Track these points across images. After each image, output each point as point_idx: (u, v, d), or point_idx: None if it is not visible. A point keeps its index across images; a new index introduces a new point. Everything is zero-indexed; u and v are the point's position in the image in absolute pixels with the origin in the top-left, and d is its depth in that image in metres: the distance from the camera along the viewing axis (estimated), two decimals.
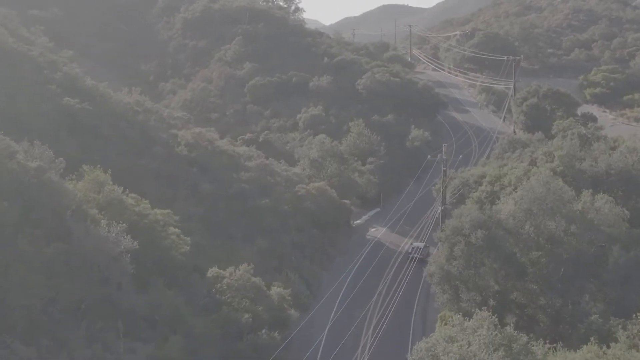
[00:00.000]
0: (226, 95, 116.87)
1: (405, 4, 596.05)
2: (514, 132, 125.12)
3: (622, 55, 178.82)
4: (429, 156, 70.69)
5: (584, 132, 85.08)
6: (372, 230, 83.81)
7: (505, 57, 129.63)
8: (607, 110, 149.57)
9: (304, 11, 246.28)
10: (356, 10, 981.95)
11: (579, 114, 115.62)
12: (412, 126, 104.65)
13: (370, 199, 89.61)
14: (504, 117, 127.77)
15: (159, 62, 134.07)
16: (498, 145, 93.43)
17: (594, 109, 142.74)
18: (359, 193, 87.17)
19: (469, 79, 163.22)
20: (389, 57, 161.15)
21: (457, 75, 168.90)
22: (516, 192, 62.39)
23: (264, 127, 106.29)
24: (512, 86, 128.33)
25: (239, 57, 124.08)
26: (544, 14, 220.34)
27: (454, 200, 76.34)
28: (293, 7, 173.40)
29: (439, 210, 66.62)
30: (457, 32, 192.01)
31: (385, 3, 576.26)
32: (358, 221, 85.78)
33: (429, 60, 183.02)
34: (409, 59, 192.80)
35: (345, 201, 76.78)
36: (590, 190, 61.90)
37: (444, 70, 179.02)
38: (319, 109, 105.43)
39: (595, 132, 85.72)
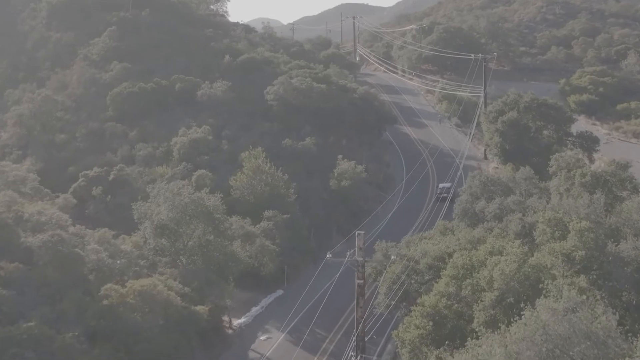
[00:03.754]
0: (83, 108, 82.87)
1: (365, 3, 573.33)
2: (485, 156, 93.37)
3: (608, 54, 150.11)
4: (328, 254, 37.33)
5: (603, 173, 53.22)
6: (262, 338, 50.70)
7: (473, 56, 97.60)
8: (598, 123, 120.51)
9: (229, 0, 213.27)
10: (314, 10, 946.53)
11: (574, 134, 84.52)
12: (340, 156, 71.63)
13: (267, 277, 56.64)
14: (472, 134, 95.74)
15: (12, 61, 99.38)
16: (465, 188, 60.69)
17: (581, 122, 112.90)
18: (245, 271, 54.18)
19: (427, 83, 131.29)
20: (327, 55, 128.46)
21: (411, 79, 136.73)
22: (508, 326, 30.10)
23: (126, 156, 72.60)
24: (481, 94, 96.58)
25: (109, 55, 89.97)
26: (513, 6, 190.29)
27: (392, 302, 43.65)
28: None
29: None
30: (413, 27, 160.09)
31: (344, 2, 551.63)
32: (241, 320, 52.65)
33: (379, 61, 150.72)
34: (357, 59, 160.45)
35: (201, 308, 43.46)
36: None
37: (397, 72, 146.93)
38: (204, 129, 71.92)
39: (619, 172, 53.72)
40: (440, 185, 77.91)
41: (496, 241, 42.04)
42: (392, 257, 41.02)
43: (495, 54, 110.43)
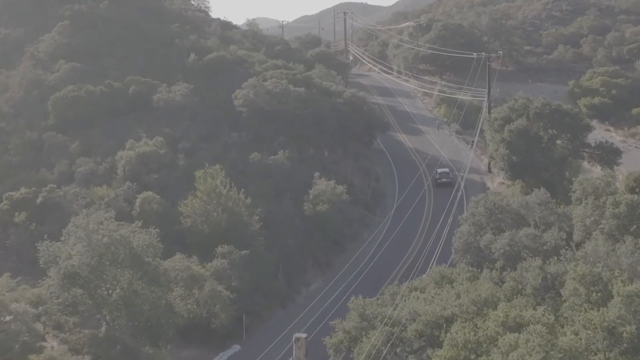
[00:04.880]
0: (22, 114, 71.48)
1: (364, 2, 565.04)
2: (489, 169, 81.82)
3: (620, 53, 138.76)
4: None
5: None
6: None
7: (475, 55, 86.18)
8: (612, 129, 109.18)
9: None
10: (313, 9, 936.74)
11: (592, 144, 73.16)
12: (316, 174, 60.13)
13: (220, 330, 45.21)
14: (475, 144, 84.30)
15: None
16: (467, 216, 49.14)
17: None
18: (192, 323, 42.93)
19: (424, 85, 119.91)
20: (315, 55, 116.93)
21: (407, 80, 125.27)
22: None
23: (65, 173, 61.33)
24: (484, 98, 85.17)
25: (58, 53, 78.56)
26: (517, 2, 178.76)
27: None
28: None
29: None
30: (409, 24, 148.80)
31: (343, 1, 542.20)
32: None
33: (372, 60, 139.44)
34: (350, 59, 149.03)
35: None
36: None
37: (392, 73, 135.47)
38: (156, 141, 60.50)
39: None
40: (439, 170, 76.37)
41: (511, 308, 30.55)
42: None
43: (500, 52, 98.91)
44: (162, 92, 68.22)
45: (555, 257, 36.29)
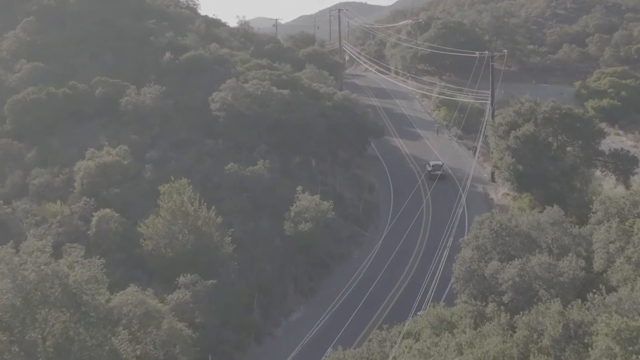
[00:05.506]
0: None
1: (363, 2, 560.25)
2: (492, 178, 75.21)
3: (628, 53, 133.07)
4: None
5: None
6: None
7: (478, 54, 79.53)
8: (622, 132, 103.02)
9: None
10: (312, 9, 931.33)
11: (607, 152, 66.49)
12: (299, 187, 53.36)
13: None
14: (478, 151, 77.58)
15: None
16: (470, 238, 42.43)
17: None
18: None
19: (423, 87, 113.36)
20: (307, 54, 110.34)
21: (405, 81, 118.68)
22: None
23: (18, 185, 54.74)
24: (487, 100, 78.47)
25: (22, 52, 71.87)
26: (519, 0, 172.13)
27: None
28: None
29: None
30: (408, 21, 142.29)
31: (342, 0, 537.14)
32: None
33: (368, 60, 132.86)
34: (346, 58, 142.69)
35: None
36: None
37: (389, 73, 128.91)
38: (120, 150, 53.84)
39: None
40: (432, 163, 76.61)
41: None
42: None
43: (505, 51, 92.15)
44: (131, 94, 61.53)
45: (579, 301, 29.67)
